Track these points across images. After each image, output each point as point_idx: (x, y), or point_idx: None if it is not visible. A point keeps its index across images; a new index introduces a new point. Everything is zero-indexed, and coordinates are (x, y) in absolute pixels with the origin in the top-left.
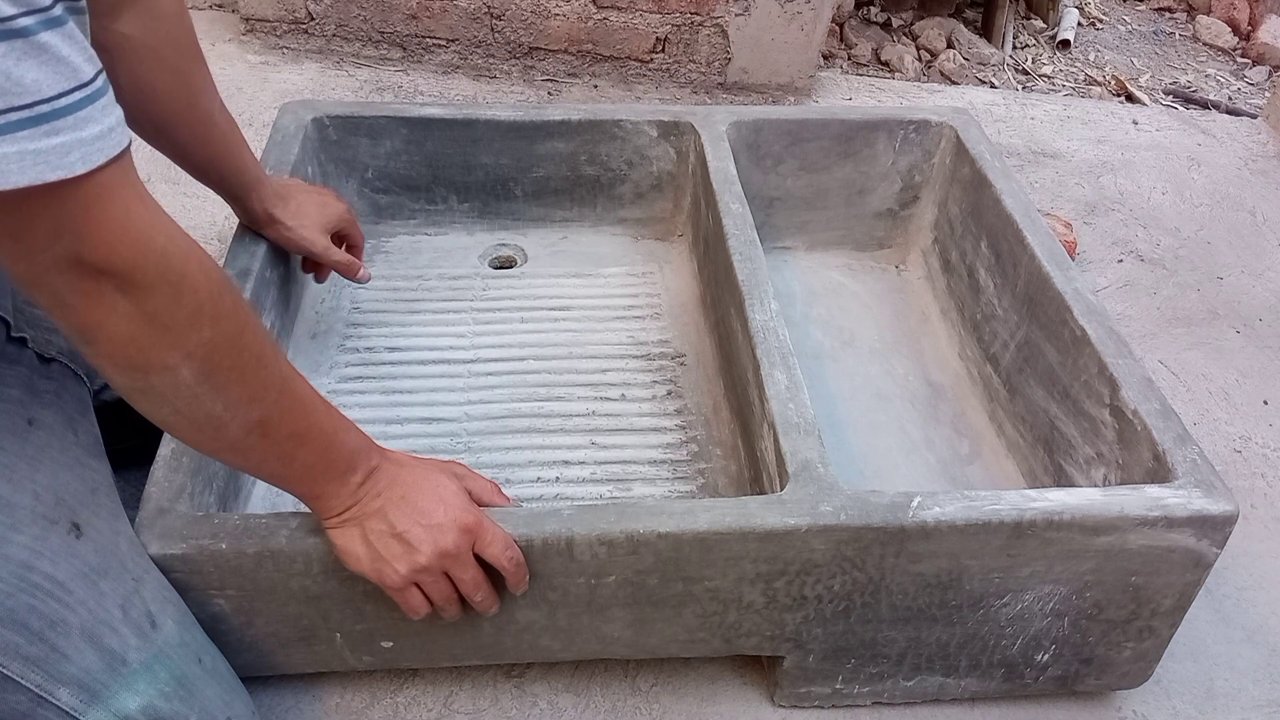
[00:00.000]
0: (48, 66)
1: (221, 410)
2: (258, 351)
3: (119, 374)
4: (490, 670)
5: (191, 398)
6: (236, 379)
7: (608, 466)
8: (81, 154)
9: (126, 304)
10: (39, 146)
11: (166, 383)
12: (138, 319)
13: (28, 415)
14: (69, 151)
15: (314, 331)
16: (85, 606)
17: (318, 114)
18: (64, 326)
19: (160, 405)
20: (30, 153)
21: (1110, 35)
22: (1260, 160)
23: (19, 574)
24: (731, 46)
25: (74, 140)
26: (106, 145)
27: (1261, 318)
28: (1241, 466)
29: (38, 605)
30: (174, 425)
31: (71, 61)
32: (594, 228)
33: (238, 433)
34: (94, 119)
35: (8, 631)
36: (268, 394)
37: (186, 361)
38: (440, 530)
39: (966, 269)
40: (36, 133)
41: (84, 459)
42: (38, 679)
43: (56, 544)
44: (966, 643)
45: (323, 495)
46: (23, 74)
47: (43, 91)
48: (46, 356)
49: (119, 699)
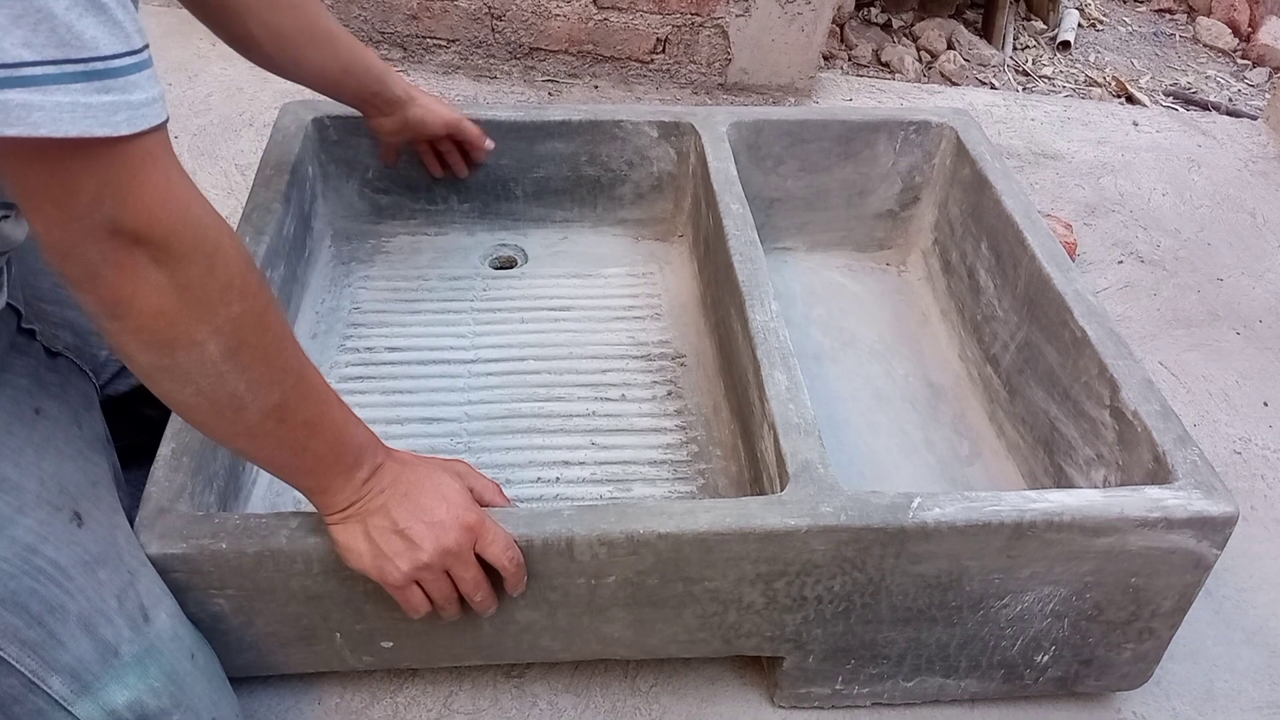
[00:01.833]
0: (105, 26)
1: (244, 390)
2: (280, 333)
3: (145, 351)
4: (490, 670)
5: (216, 376)
6: (260, 358)
7: (608, 467)
8: (128, 116)
9: (159, 275)
10: (90, 101)
11: (193, 360)
12: (170, 291)
13: (35, 404)
14: (117, 111)
15: (314, 331)
16: (84, 594)
17: (318, 114)
18: (92, 301)
19: (183, 385)
20: (82, 106)
21: (1110, 37)
22: (1260, 162)
23: (23, 556)
24: (732, 47)
25: (122, 101)
26: (150, 113)
27: (1261, 319)
28: (1241, 468)
29: (39, 589)
30: (194, 407)
31: (125, 27)
32: (594, 228)
33: (256, 416)
34: (141, 86)
35: (8, 614)
36: (287, 377)
37: (215, 337)
38: (442, 528)
39: (967, 270)
40: (89, 87)
41: (86, 452)
42: (33, 664)
43: (59, 530)
44: (966, 644)
45: (328, 489)
46: (83, 28)
47: (99, 49)
48: (53, 351)
49: (108, 691)
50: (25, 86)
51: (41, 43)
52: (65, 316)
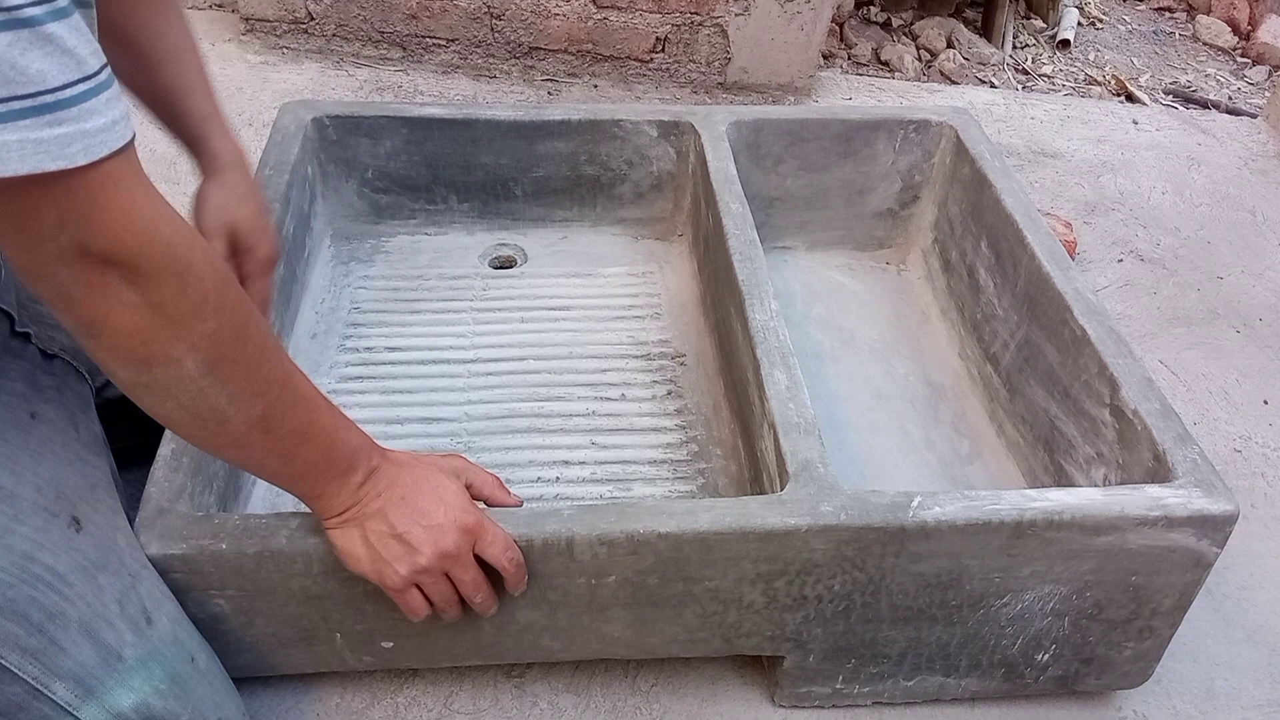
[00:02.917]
0: (53, 57)
1: (225, 404)
2: (260, 345)
3: (123, 368)
4: (490, 670)
5: (195, 391)
6: (240, 372)
7: (608, 466)
8: (84, 145)
9: (132, 294)
10: (41, 136)
11: (171, 376)
12: (143, 310)
13: (30, 409)
14: (71, 142)
15: (314, 331)
16: (84, 600)
17: (318, 114)
18: (68, 320)
19: (164, 400)
20: (32, 141)
21: (1110, 35)
22: (1260, 160)
23: (21, 565)
24: (731, 46)
25: (77, 131)
26: (110, 138)
27: (1261, 317)
28: (1241, 466)
29: (38, 597)
30: (177, 421)
31: (77, 53)
32: (594, 227)
33: (240, 428)
34: (98, 111)
35: (7, 622)
36: (270, 389)
37: (191, 354)
38: (441, 531)
39: (966, 269)
40: (39, 122)
41: (84, 455)
42: (35, 671)
43: (57, 537)
44: (967, 642)
45: (323, 495)
46: (28, 64)
47: (47, 82)
48: (49, 353)
49: (114, 695)
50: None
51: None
52: None
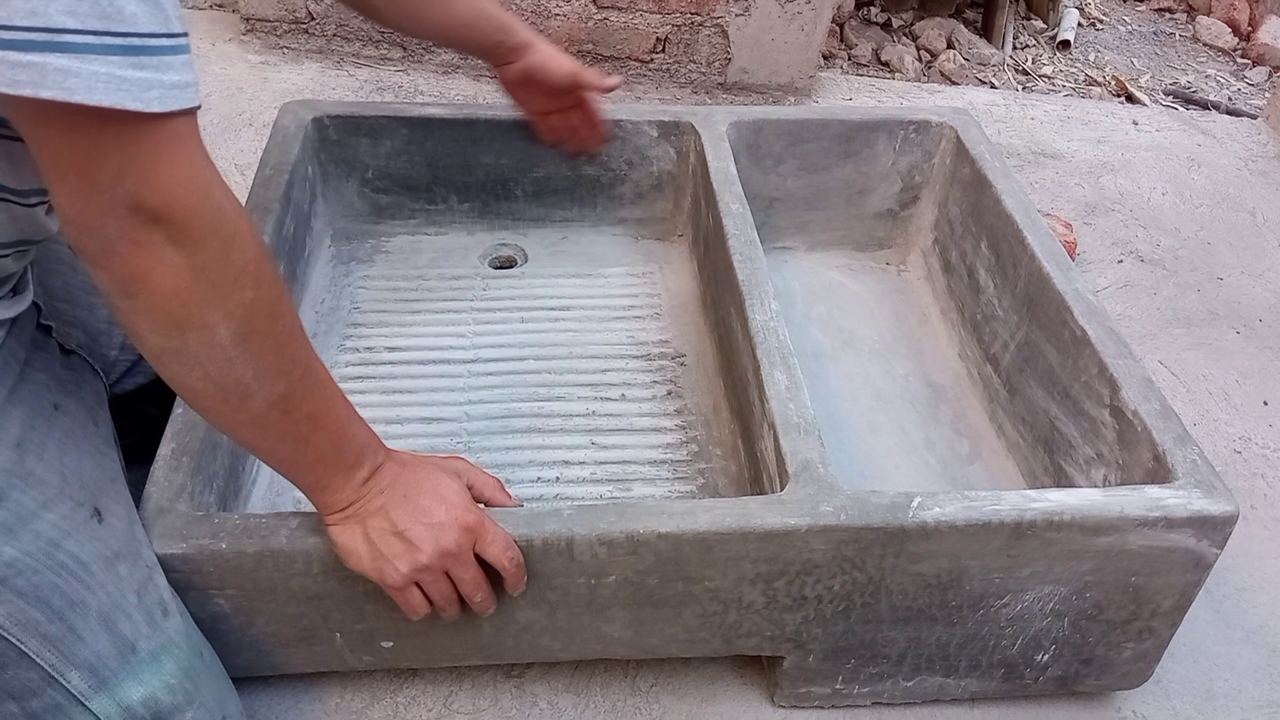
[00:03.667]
0: (147, 5)
1: (251, 378)
2: (290, 324)
3: (155, 332)
4: (490, 670)
5: (224, 361)
6: (270, 346)
7: (608, 466)
8: (160, 94)
9: (176, 256)
10: (126, 75)
11: (203, 343)
12: (185, 272)
13: (54, 400)
14: (150, 87)
15: (314, 331)
16: (105, 590)
17: (318, 114)
18: (106, 279)
19: (191, 369)
20: (117, 78)
21: (1110, 36)
22: (1260, 161)
23: (47, 551)
24: (731, 47)
25: (155, 79)
26: (182, 96)
27: (1261, 318)
28: (1241, 467)
29: (61, 584)
30: (200, 392)
31: (167, 11)
32: (594, 228)
33: (261, 405)
34: (175, 68)
35: (30, 607)
36: (295, 368)
37: (226, 321)
38: (442, 529)
39: (966, 269)
40: (126, 62)
41: (103, 448)
42: (53, 659)
43: (81, 526)
44: (966, 643)
45: (329, 487)
46: (125, 4)
47: (139, 25)
48: (67, 348)
49: (124, 688)
50: (65, 52)
51: (85, 12)
52: (77, 316)
